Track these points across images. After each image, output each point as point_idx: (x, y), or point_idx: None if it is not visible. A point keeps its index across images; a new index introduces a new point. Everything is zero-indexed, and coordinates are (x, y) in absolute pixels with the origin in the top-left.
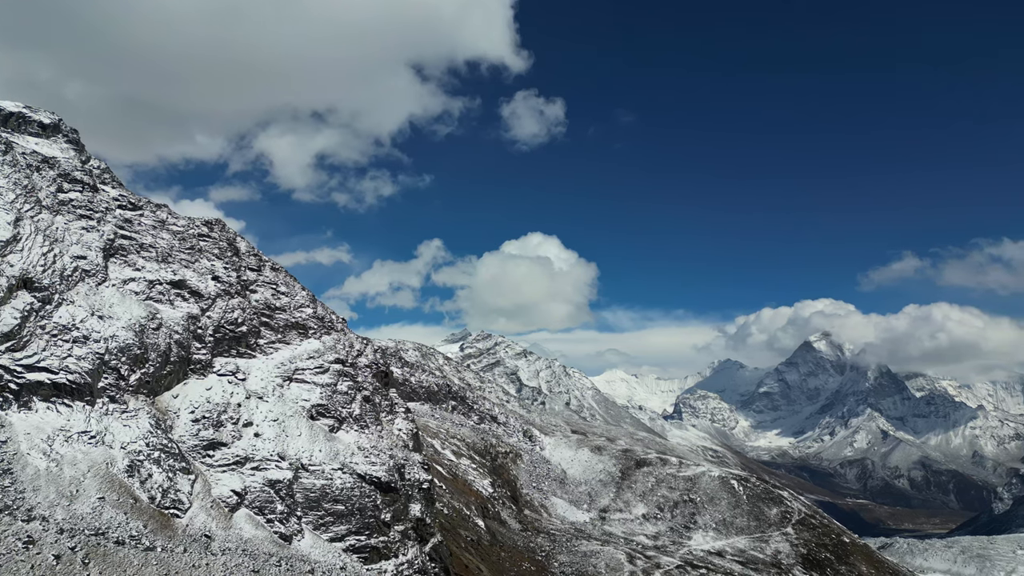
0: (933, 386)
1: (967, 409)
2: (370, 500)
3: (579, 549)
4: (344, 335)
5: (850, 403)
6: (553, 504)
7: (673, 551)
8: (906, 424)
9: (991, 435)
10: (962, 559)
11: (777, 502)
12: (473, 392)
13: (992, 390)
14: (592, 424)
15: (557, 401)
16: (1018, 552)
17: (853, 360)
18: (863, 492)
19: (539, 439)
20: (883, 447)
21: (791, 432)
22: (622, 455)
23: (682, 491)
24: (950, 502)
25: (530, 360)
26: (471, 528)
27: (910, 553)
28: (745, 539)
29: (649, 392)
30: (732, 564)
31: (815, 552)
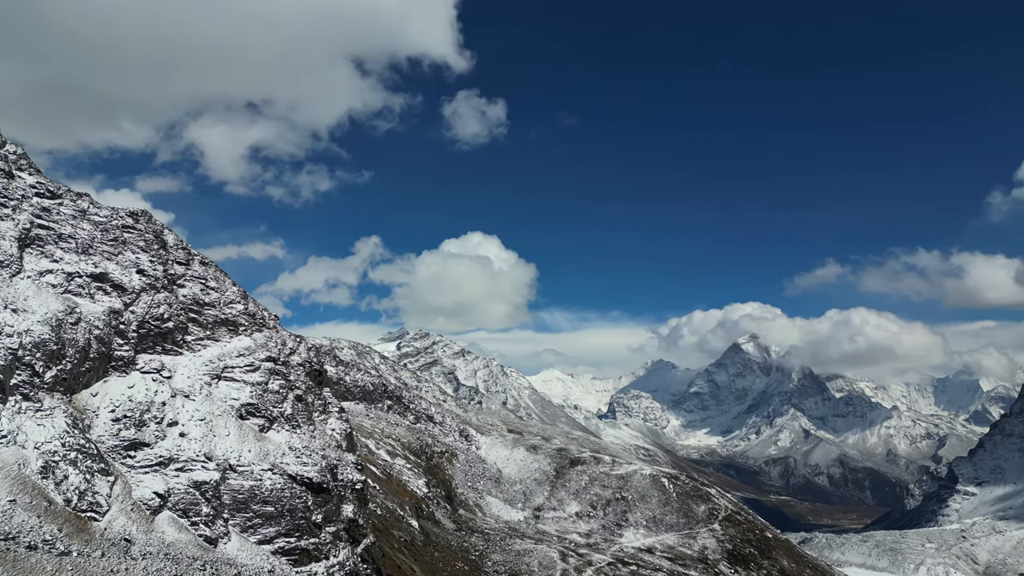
0: (852, 387)
1: (883, 409)
2: (301, 501)
3: (513, 548)
4: (276, 332)
5: (775, 403)
6: (488, 503)
7: (605, 548)
8: (827, 423)
9: (904, 434)
10: (876, 552)
11: (705, 499)
12: (410, 391)
13: (906, 391)
14: (528, 423)
15: (494, 400)
16: (927, 545)
17: (779, 362)
18: (786, 489)
19: (475, 438)
20: (805, 446)
21: (719, 431)
22: (557, 454)
23: (615, 489)
24: (866, 498)
25: (468, 360)
26: (405, 528)
27: (828, 547)
28: (674, 536)
29: (585, 392)
30: (661, 560)
31: (740, 547)
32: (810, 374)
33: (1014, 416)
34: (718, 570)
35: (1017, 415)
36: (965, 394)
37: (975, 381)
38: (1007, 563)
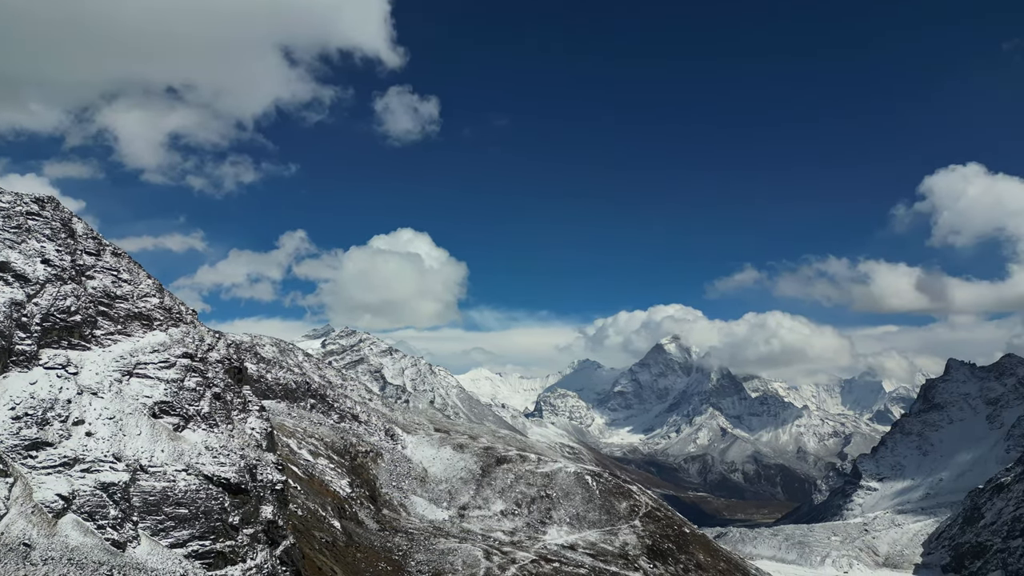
0: (766, 387)
1: (794, 409)
2: (217, 503)
3: (437, 547)
4: (194, 328)
5: (695, 402)
6: (413, 503)
7: (529, 546)
8: (742, 422)
9: (813, 432)
10: (786, 545)
11: (627, 496)
12: (334, 390)
13: (815, 392)
14: (456, 422)
15: (421, 399)
16: (832, 538)
17: (699, 362)
18: (703, 485)
19: (401, 438)
20: (722, 443)
21: (642, 429)
22: (484, 453)
23: (539, 487)
24: (777, 494)
25: (395, 358)
26: (326, 529)
27: (742, 541)
28: (596, 532)
29: (512, 390)
30: (583, 557)
31: (659, 543)
32: (728, 374)
33: (913, 416)
34: (638, 565)
35: (915, 415)
36: (869, 395)
37: (878, 382)
38: (904, 554)
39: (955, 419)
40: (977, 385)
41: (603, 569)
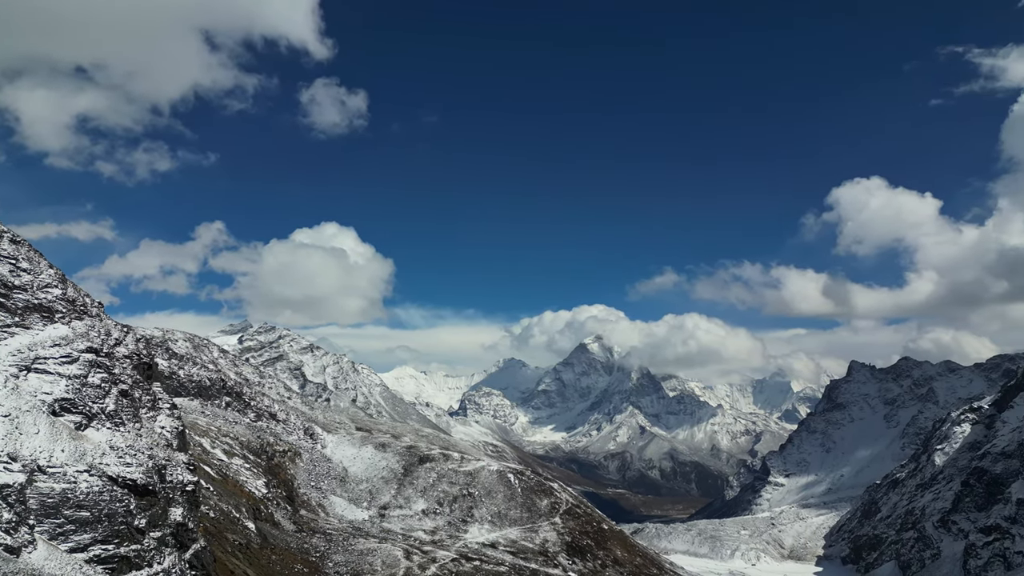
0: (683, 387)
1: (709, 408)
2: (122, 505)
3: (356, 548)
4: (100, 321)
5: (615, 401)
6: (332, 503)
7: (450, 545)
8: (660, 420)
9: (726, 431)
10: (698, 540)
11: (548, 494)
12: (251, 388)
13: (729, 391)
14: (378, 421)
15: (343, 398)
16: (742, 532)
17: (620, 362)
18: (622, 482)
19: (321, 437)
20: (641, 441)
21: (564, 427)
22: (406, 452)
23: (462, 486)
24: (692, 490)
25: (317, 355)
26: (240, 531)
27: (658, 536)
28: (517, 530)
29: (437, 389)
30: (504, 555)
31: (578, 539)
32: (648, 374)
33: (817, 415)
34: (557, 562)
35: (820, 414)
36: (778, 394)
37: (787, 383)
38: (807, 547)
39: (856, 418)
40: (876, 386)
41: (523, 566)
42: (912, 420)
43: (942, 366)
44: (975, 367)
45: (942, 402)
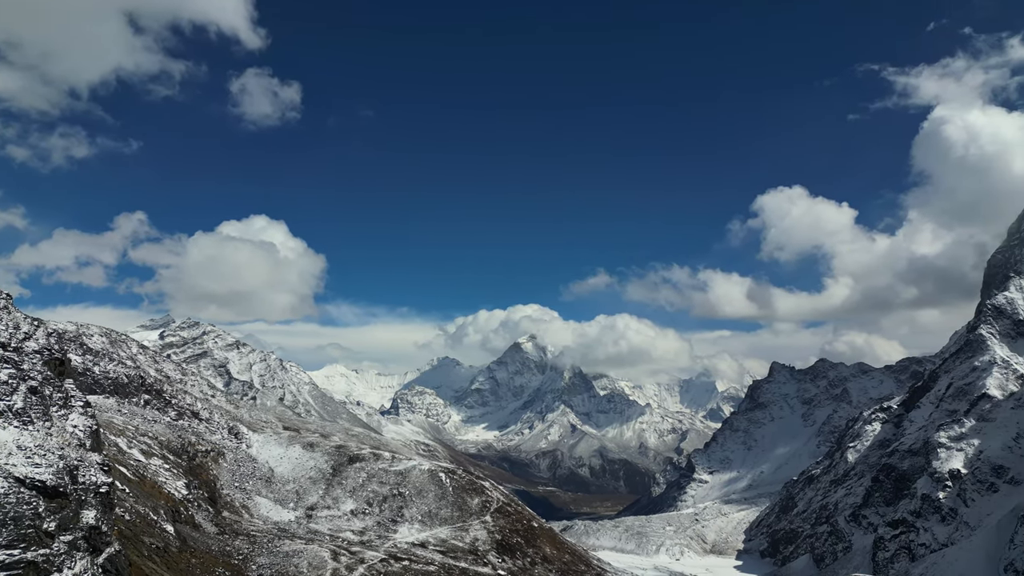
0: (614, 386)
1: (638, 407)
2: (30, 508)
3: (281, 550)
4: (8, 314)
5: (548, 400)
6: (257, 504)
7: (379, 545)
8: (591, 419)
9: (654, 429)
10: (625, 536)
11: (479, 492)
12: (172, 385)
13: (657, 391)
14: (307, 420)
15: (270, 396)
16: (667, 528)
17: (553, 361)
18: (553, 480)
19: (246, 436)
20: (571, 439)
21: (497, 426)
22: (335, 451)
23: (392, 485)
24: (620, 487)
25: (243, 352)
26: (158, 534)
27: (586, 533)
28: (448, 529)
29: (369, 388)
30: (434, 554)
31: (508, 537)
32: (579, 373)
33: (740, 414)
34: (487, 560)
35: (742, 413)
36: (704, 394)
37: (712, 383)
38: (729, 541)
39: (776, 417)
40: (795, 386)
41: (453, 565)
42: (827, 419)
43: (855, 368)
44: (885, 369)
45: (855, 402)
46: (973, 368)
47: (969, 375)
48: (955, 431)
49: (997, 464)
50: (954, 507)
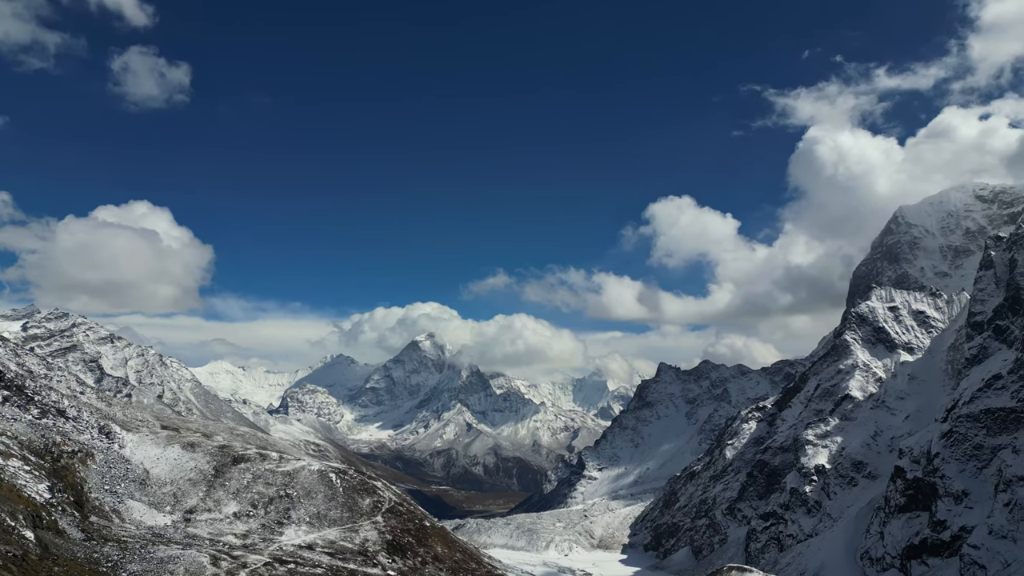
0: (510, 385)
1: (533, 405)
2: None
3: (155, 556)
4: None
5: (444, 399)
6: (129, 508)
7: (263, 548)
8: (487, 418)
9: (547, 427)
10: (516, 533)
11: (371, 492)
12: (35, 381)
13: (552, 389)
14: (188, 419)
15: (148, 394)
16: (557, 525)
17: (451, 360)
18: (447, 479)
19: (119, 436)
20: (467, 438)
21: (391, 425)
22: (218, 451)
23: (279, 486)
24: (513, 485)
25: (117, 347)
26: (15, 541)
27: (478, 531)
28: (337, 530)
29: (256, 385)
30: (321, 556)
31: (400, 537)
32: (477, 372)
33: (629, 412)
34: (377, 561)
35: (631, 411)
36: (596, 393)
37: (604, 382)
38: (615, 536)
39: (662, 415)
40: (680, 386)
41: (341, 567)
42: (709, 418)
43: (735, 369)
44: (762, 371)
45: (734, 401)
46: (838, 371)
47: (834, 377)
48: (821, 429)
49: (857, 460)
50: (819, 500)
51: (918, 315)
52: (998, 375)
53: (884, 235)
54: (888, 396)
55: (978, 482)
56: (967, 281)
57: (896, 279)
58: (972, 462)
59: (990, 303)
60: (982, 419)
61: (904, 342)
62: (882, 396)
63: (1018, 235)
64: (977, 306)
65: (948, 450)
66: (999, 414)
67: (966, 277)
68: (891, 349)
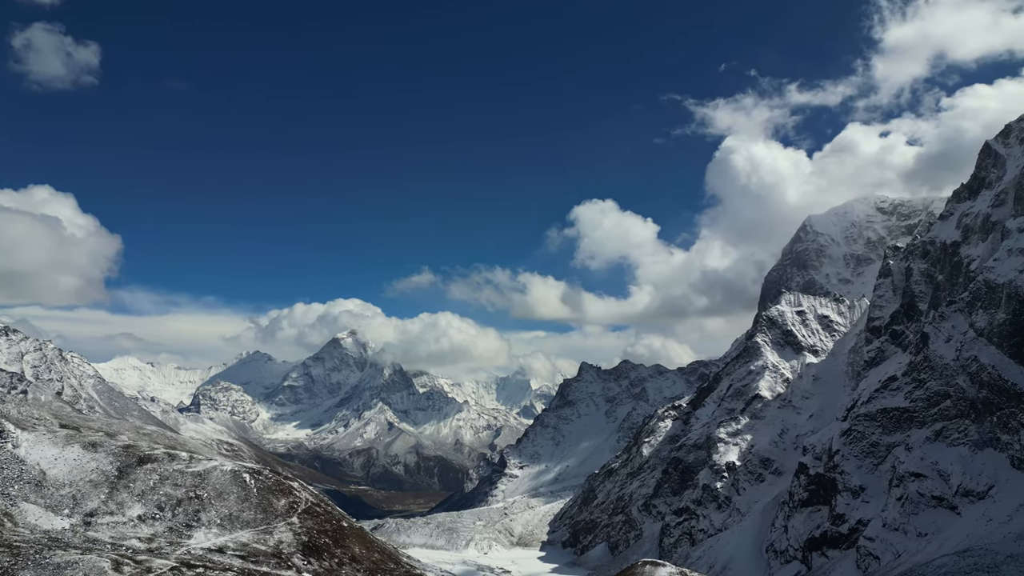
0: (433, 383)
1: (456, 404)
2: None
3: (51, 561)
4: None
5: (365, 397)
6: (23, 511)
7: (169, 552)
8: (409, 416)
9: (470, 426)
10: (436, 532)
11: (287, 493)
12: None
13: (475, 388)
14: (90, 417)
15: (46, 390)
16: (477, 523)
17: (373, 358)
18: (366, 479)
19: (13, 435)
20: (388, 437)
21: (310, 424)
22: (123, 452)
23: (189, 487)
24: (434, 484)
25: (13, 340)
26: None
27: (397, 531)
28: (250, 532)
29: (166, 383)
30: (233, 559)
31: (316, 538)
32: (400, 370)
33: (551, 411)
34: (291, 563)
35: (553, 410)
36: (519, 391)
37: (527, 381)
38: (534, 534)
39: (583, 414)
40: (601, 385)
41: (253, 570)
42: (627, 416)
43: (653, 369)
44: (678, 371)
45: (652, 400)
46: (749, 371)
47: (745, 378)
48: (732, 428)
49: (765, 457)
50: (729, 496)
51: (823, 319)
52: (893, 377)
53: (794, 243)
54: (794, 396)
55: (874, 478)
56: (868, 288)
57: (804, 285)
58: (869, 459)
59: (887, 309)
60: (878, 418)
61: (810, 345)
62: (789, 396)
63: (914, 246)
64: (876, 312)
65: (847, 447)
66: (894, 413)
67: (867, 284)
68: (798, 351)
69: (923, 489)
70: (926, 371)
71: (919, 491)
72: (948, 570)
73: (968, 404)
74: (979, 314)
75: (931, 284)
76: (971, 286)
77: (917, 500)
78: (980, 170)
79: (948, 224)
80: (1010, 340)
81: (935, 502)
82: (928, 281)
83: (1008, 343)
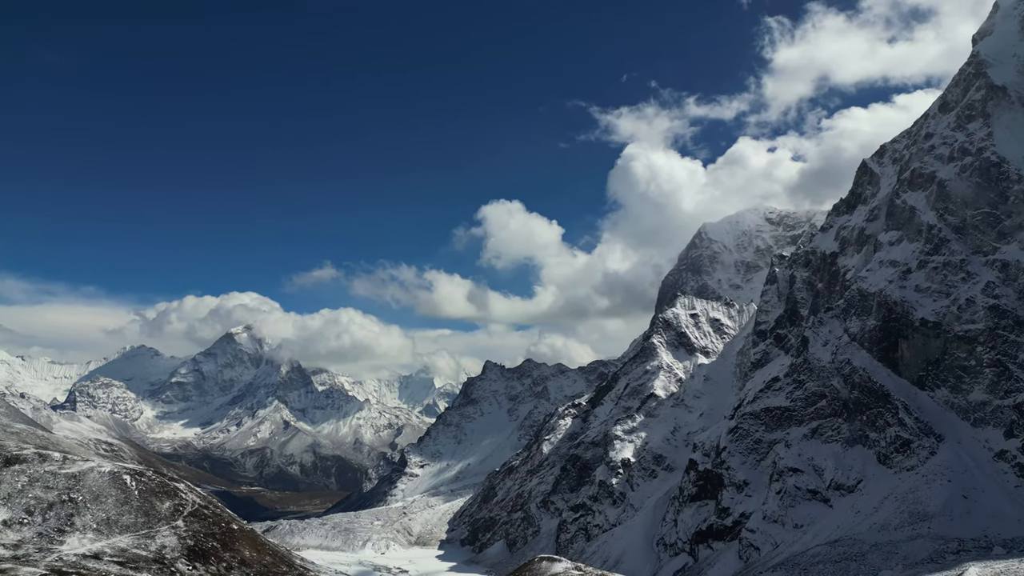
0: (333, 381)
1: (357, 402)
2: None
3: None
4: None
5: (260, 395)
6: None
7: (39, 559)
8: (307, 415)
9: (371, 424)
10: (332, 533)
11: (172, 495)
12: None
13: (378, 386)
14: None
15: None
16: (375, 523)
17: (270, 354)
18: (259, 479)
19: None
20: (284, 436)
21: (199, 423)
22: None
23: (62, 490)
24: (332, 484)
25: None
26: None
27: (291, 533)
28: (130, 537)
29: (39, 377)
30: (109, 566)
31: (203, 542)
32: (298, 367)
33: (453, 409)
34: (175, 568)
35: (456, 408)
36: (422, 390)
37: (431, 379)
38: (433, 532)
39: (485, 412)
40: (504, 384)
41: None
42: (529, 414)
43: (555, 368)
44: (579, 370)
45: (553, 399)
46: (645, 371)
47: (642, 377)
48: (628, 425)
49: (658, 453)
50: (623, 491)
51: (714, 322)
52: (776, 378)
53: (689, 248)
54: (686, 395)
55: (757, 473)
56: (756, 293)
57: (698, 289)
58: (752, 455)
59: (772, 314)
60: (762, 417)
61: (702, 346)
62: (681, 395)
63: (797, 255)
64: (762, 316)
65: (733, 444)
66: (776, 412)
67: (756, 290)
68: (691, 352)
69: (800, 483)
70: (805, 373)
71: (796, 485)
72: (820, 559)
73: (841, 404)
74: (852, 320)
75: (812, 291)
76: (846, 294)
77: (794, 494)
78: (857, 186)
79: (828, 236)
80: (879, 345)
81: (810, 495)
82: (809, 288)
83: (877, 348)
